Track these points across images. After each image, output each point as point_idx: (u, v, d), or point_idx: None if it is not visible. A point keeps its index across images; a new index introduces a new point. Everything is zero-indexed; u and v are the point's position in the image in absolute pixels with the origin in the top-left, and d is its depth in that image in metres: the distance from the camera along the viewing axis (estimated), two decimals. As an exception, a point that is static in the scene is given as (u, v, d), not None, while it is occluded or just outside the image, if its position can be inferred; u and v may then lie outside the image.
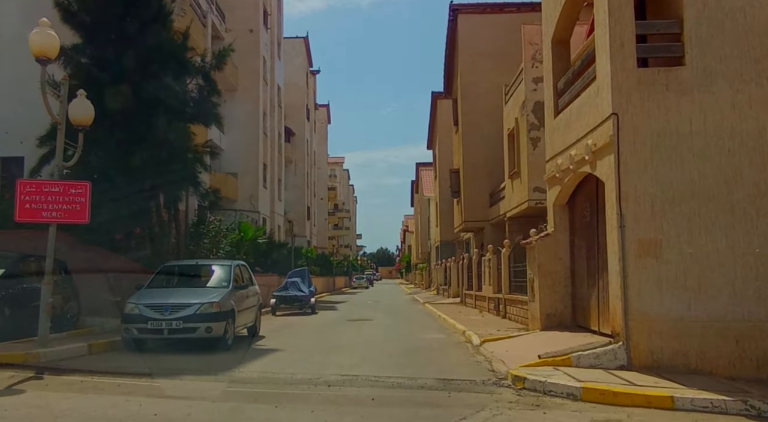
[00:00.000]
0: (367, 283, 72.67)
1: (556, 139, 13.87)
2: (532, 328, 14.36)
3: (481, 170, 30.83)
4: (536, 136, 22.61)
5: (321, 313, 25.84)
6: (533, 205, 22.60)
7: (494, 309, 21.52)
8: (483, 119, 30.89)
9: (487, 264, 22.93)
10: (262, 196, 41.07)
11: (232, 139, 38.91)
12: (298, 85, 58.45)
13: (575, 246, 13.78)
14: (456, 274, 34.68)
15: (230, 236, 25.52)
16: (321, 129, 74.10)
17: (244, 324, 14.24)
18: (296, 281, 25.68)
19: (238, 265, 14.55)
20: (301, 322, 20.90)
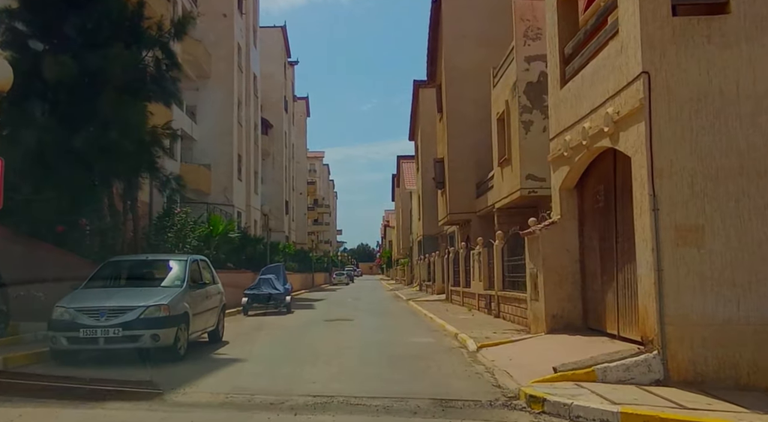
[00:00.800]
0: (347, 280, 70.56)
1: (563, 112, 11.94)
2: (536, 331, 12.43)
3: (467, 159, 28.90)
4: (528, 119, 20.75)
5: (297, 313, 23.79)
6: (526, 194, 20.72)
7: (485, 307, 19.61)
8: (469, 105, 28.96)
9: (477, 259, 21.01)
10: (237, 188, 38.87)
11: (205, 129, 36.81)
12: (275, 76, 56.19)
13: (585, 236, 11.87)
14: (441, 270, 32.76)
15: (198, 230, 23.36)
16: (300, 122, 71.86)
17: (203, 329, 12.17)
18: (270, 278, 23.59)
19: (195, 261, 12.43)
20: (274, 323, 18.85)
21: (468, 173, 28.88)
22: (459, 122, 29.09)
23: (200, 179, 34.96)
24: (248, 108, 42.04)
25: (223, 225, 25.66)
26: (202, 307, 11.86)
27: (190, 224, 22.84)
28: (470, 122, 28.80)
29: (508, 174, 22.21)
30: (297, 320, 20.25)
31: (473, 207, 28.78)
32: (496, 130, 23.79)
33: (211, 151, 36.68)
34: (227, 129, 37.56)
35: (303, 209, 72.10)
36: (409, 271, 54.13)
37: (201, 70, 36.26)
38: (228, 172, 37.52)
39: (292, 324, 18.55)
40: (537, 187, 20.56)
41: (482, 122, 28.47)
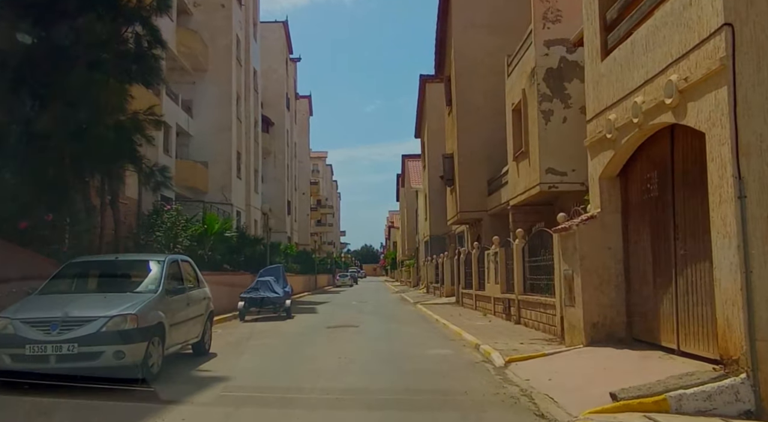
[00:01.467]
0: (351, 281, 68.78)
1: (604, 88, 10.16)
2: (572, 342, 10.64)
3: (479, 154, 27.14)
4: (548, 109, 18.98)
5: (298, 317, 22.04)
6: (545, 190, 18.93)
7: (503, 312, 17.83)
8: (479, 97, 27.23)
9: (493, 260, 19.24)
10: (236, 187, 37.16)
11: (202, 124, 35.13)
12: (277, 72, 54.52)
13: (631, 231, 10.09)
14: (450, 271, 30.97)
15: (191, 228, 21.63)
16: (302, 120, 70.11)
17: (185, 341, 10.40)
18: (268, 280, 21.83)
19: (175, 262, 10.65)
20: (271, 331, 17.10)
21: (479, 169, 27.13)
22: (469, 115, 27.35)
23: (197, 177, 33.30)
24: (248, 103, 40.35)
25: (218, 224, 23.93)
26: (183, 316, 10.10)
27: (182, 222, 21.11)
28: (481, 115, 27.09)
29: (525, 168, 20.43)
30: (297, 326, 18.51)
31: (485, 205, 27.02)
32: (512, 122, 22.01)
33: (209, 147, 34.99)
34: (225, 125, 35.87)
35: (306, 209, 70.35)
36: (415, 273, 52.33)
37: (198, 63, 34.59)
38: (226, 169, 35.82)
39: (292, 332, 16.79)
40: (558, 181, 18.81)
41: (494, 115, 26.73)
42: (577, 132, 19.19)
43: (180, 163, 32.34)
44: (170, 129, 31.19)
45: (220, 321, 20.22)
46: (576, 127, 19.03)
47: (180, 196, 31.56)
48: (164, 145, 30.34)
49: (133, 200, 21.36)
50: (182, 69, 34.25)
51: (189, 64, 34.23)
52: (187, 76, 34.89)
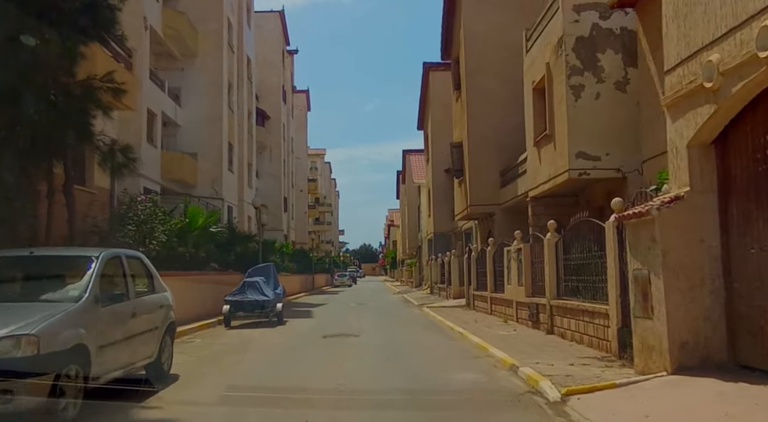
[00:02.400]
0: (350, 281, 65.97)
1: (699, 20, 7.35)
2: (647, 367, 7.83)
3: (491, 143, 24.41)
4: (579, 83, 16.24)
5: (291, 323, 19.28)
6: (575, 177, 16.21)
7: (528, 318, 15.06)
8: (491, 80, 24.53)
9: (515, 258, 16.49)
10: (228, 180, 34.37)
11: (191, 114, 32.37)
12: (273, 64, 51.72)
13: (732, 217, 7.36)
14: (458, 271, 28.22)
15: (170, 222, 18.85)
16: (300, 116, 67.29)
17: (129, 364, 7.59)
18: (257, 281, 19.05)
19: (116, 258, 7.81)
20: (257, 341, 14.34)
21: (491, 159, 24.40)
22: (480, 100, 24.64)
23: (184, 169, 30.53)
24: (240, 93, 37.58)
25: (202, 218, 21.15)
26: (125, 331, 7.34)
27: (159, 215, 18.33)
28: (493, 100, 24.40)
29: (549, 153, 17.70)
30: (288, 335, 15.74)
31: (497, 198, 24.29)
32: (532, 102, 19.26)
33: (198, 138, 32.20)
34: (216, 114, 33.08)
35: (303, 207, 67.52)
36: (417, 273, 49.47)
37: (186, 48, 31.82)
38: (217, 161, 33.02)
39: (280, 344, 14.01)
40: (590, 167, 16.10)
41: (508, 99, 24.06)
42: (612, 110, 16.49)
43: (166, 154, 29.60)
44: (155, 117, 28.51)
45: (203, 328, 17.54)
46: (611, 104, 16.32)
47: (166, 190, 28.82)
48: (148, 134, 27.61)
49: (104, 190, 18.58)
50: (169, 54, 31.51)
51: (176, 49, 31.47)
52: (174, 62, 32.14)
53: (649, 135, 14.31)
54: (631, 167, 15.71)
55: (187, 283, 18.49)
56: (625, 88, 16.14)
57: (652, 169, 14.35)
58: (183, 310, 18.25)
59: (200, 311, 19.41)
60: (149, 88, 27.73)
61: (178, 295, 18.27)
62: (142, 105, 26.69)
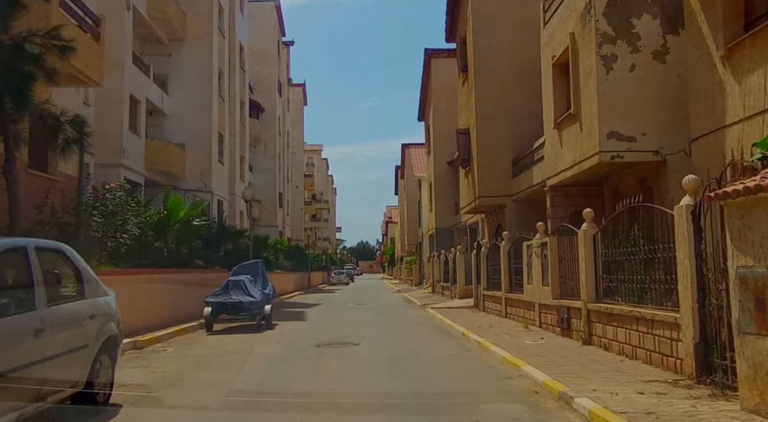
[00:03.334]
0: (347, 279, 63.53)
1: None
2: (764, 400, 5.54)
3: (501, 129, 22.09)
4: (611, 53, 13.87)
5: (281, 327, 16.96)
6: (607, 161, 13.87)
7: (558, 324, 12.70)
8: (502, 60, 22.23)
9: (538, 253, 14.15)
10: (218, 173, 32.01)
11: (179, 102, 30.05)
12: (269, 55, 49.28)
13: None
14: (464, 268, 25.89)
15: (145, 214, 16.48)
16: (296, 110, 64.90)
17: (31, 402, 5.24)
18: (242, 280, 16.66)
19: (16, 251, 5.44)
20: (237, 352, 11.97)
21: (501, 146, 22.08)
22: (490, 81, 22.30)
23: (171, 159, 28.19)
24: (232, 82, 35.20)
25: (183, 210, 18.76)
26: (22, 356, 5.01)
27: (132, 206, 15.95)
28: (504, 82, 22.10)
29: (574, 136, 15.37)
30: (275, 344, 13.37)
31: (508, 189, 21.95)
32: (552, 79, 16.90)
33: (187, 128, 29.85)
34: (205, 102, 30.71)
35: (299, 203, 65.07)
36: (418, 270, 47.06)
37: (173, 32, 29.47)
38: (206, 152, 30.66)
39: (264, 355, 11.63)
40: (623, 149, 13.74)
41: (520, 81, 21.82)
42: (648, 83, 14.03)
43: (151, 143, 27.25)
44: (138, 104, 26.17)
45: (180, 333, 15.23)
46: (648, 76, 13.90)
47: (151, 182, 26.47)
48: (131, 122, 25.27)
49: (70, 177, 16.21)
50: (156, 39, 29.18)
51: (163, 33, 29.13)
52: (161, 47, 29.80)
53: (700, 110, 12.03)
54: (672, 148, 13.41)
55: (163, 282, 16.14)
56: (664, 58, 13.78)
57: (704, 149, 12.07)
58: (155, 313, 15.95)
59: (179, 313, 17.07)
60: (132, 72, 25.41)
61: (150, 296, 16.04)
62: (123, 90, 24.41)
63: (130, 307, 14.08)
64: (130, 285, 14.09)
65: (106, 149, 23.41)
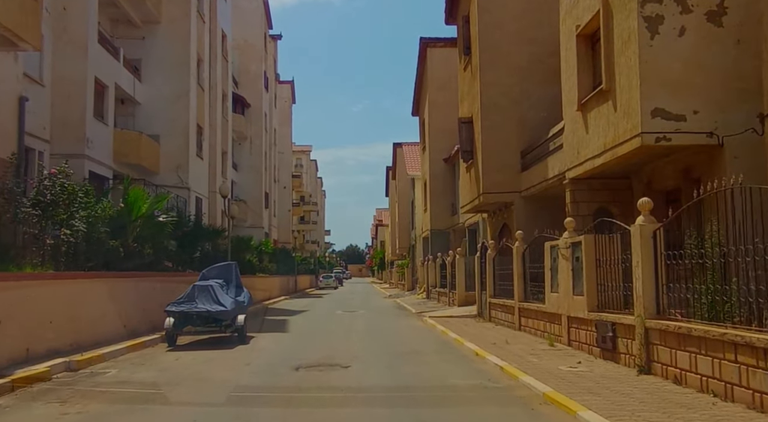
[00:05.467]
0: (335, 283, 60.79)
1: None
2: None
3: (509, 116, 19.56)
4: (656, 14, 11.38)
5: (257, 340, 14.34)
6: (650, 144, 11.38)
7: (597, 343, 10.10)
8: (510, 40, 19.77)
9: (565, 255, 11.57)
10: (196, 168, 29.24)
11: (153, 89, 27.27)
12: (254, 48, 46.53)
13: None
14: (464, 273, 23.31)
15: (96, 207, 13.78)
16: (284, 108, 62.14)
17: None
18: (211, 286, 13.93)
19: None
20: (192, 377, 9.31)
21: (509, 136, 19.55)
22: (496, 64, 19.77)
23: (142, 151, 25.38)
24: (213, 70, 32.44)
25: (146, 204, 16.03)
26: None
27: (78, 197, 13.22)
28: (512, 63, 19.60)
29: (605, 116, 12.84)
30: (242, 365, 10.66)
31: (517, 184, 19.41)
32: (576, 54, 14.36)
33: (162, 118, 27.06)
34: (182, 91, 27.91)
35: (287, 204, 62.21)
36: (410, 274, 44.40)
37: (147, 13, 26.70)
38: (183, 145, 27.87)
39: (228, 383, 8.92)
40: (671, 130, 11.25)
41: (531, 63, 19.46)
42: (702, 51, 11.53)
43: (120, 133, 24.48)
44: (106, 89, 23.44)
45: (136, 348, 12.63)
46: (702, 42, 11.43)
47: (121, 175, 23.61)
48: (96, 108, 22.52)
49: (2, 162, 13.45)
50: (128, 20, 26.43)
51: (136, 15, 26.37)
52: (134, 30, 27.01)
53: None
54: (731, 128, 10.94)
55: (116, 288, 13.47)
56: (721, 20, 11.28)
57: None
58: (105, 325, 12.88)
59: (140, 324, 14.40)
60: (98, 54, 22.67)
61: (98, 304, 12.50)
62: (87, 72, 21.68)
63: (66, 318, 11.40)
64: (66, 291, 11.43)
65: (67, 137, 20.72)
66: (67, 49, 21.28)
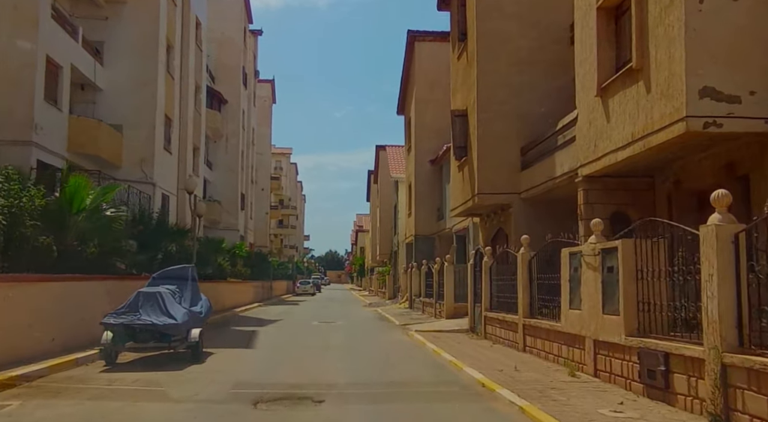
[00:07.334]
0: (313, 289, 58.28)
1: None
2: None
3: (509, 109, 17.41)
4: (706, -28, 9.28)
5: (215, 358, 11.97)
6: (698, 130, 9.25)
7: (643, 378, 7.84)
8: (510, 24, 17.67)
9: (592, 264, 9.32)
10: (163, 162, 26.78)
11: (117, 75, 24.85)
12: (233, 41, 44.18)
13: None
14: (454, 282, 21.06)
15: (20, 196, 11.32)
16: (264, 107, 59.66)
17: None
18: (159, 293, 11.48)
19: None
20: (114, 415, 6.97)
21: (508, 131, 17.39)
22: (496, 50, 17.62)
23: (104, 142, 22.97)
24: (185, 59, 30.00)
25: (91, 196, 13.57)
26: None
27: (0, 183, 10.78)
28: (513, 50, 17.48)
29: (633, 100, 10.70)
30: (186, 398, 8.21)
31: (516, 184, 17.23)
32: (596, 31, 12.21)
33: (125, 106, 24.68)
34: (149, 77, 25.48)
35: (265, 207, 59.63)
36: (392, 282, 42.00)
37: (112, -9, 24.34)
38: (148, 137, 25.44)
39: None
40: (723, 113, 9.13)
41: (533, 51, 17.42)
42: (763, 17, 9.66)
43: (76, 120, 22.06)
44: (59, 69, 21.06)
45: (62, 368, 10.20)
46: (761, 7, 9.47)
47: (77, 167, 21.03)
48: (48, 91, 20.05)
49: None
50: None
51: (98, -9, 24.02)
52: (96, 10, 24.60)
53: None
54: (796, 114, 8.84)
55: (40, 292, 11.02)
56: (786, -20, 9.24)
57: None
58: (25, 338, 10.17)
59: (72, 337, 11.95)
60: (51, 31, 20.29)
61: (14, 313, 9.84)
62: (37, 51, 19.23)
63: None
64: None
65: (12, 123, 18.37)
66: (17, 25, 18.92)
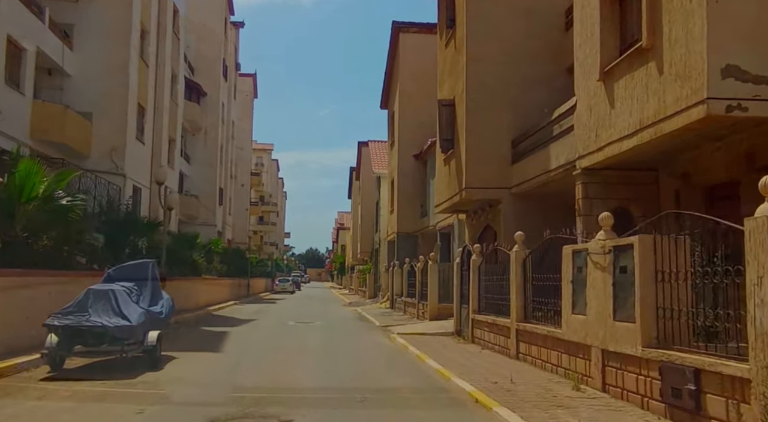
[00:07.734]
0: (292, 287, 56.93)
1: None
2: None
3: (499, 98, 16.31)
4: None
5: (177, 363, 10.72)
6: (719, 114, 8.19)
7: (666, 398, 6.71)
8: (501, 10, 16.70)
9: (601, 264, 8.16)
10: (135, 153, 25.35)
11: (87, 60, 23.45)
12: (213, 32, 42.74)
13: None
14: (438, 282, 19.89)
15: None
16: (245, 101, 58.13)
17: None
18: (112, 291, 10.18)
19: None
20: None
21: (499, 121, 16.32)
22: (486, 36, 16.54)
23: (68, 129, 21.55)
24: (162, 46, 28.56)
25: (44, 183, 12.23)
26: None
27: None
28: (504, 37, 16.43)
29: (643, 83, 9.62)
30: (134, 414, 7.06)
31: (507, 179, 16.14)
32: (599, 10, 11.13)
33: (95, 93, 23.33)
34: (121, 63, 24.08)
35: (244, 203, 58.13)
36: (372, 281, 40.78)
37: (82, -27, 22.90)
38: (119, 125, 24.04)
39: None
40: (748, 95, 8.08)
41: (525, 38, 16.40)
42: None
43: (41, 105, 20.65)
44: (23, 52, 19.68)
45: (2, 372, 8.87)
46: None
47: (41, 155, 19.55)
48: (9, 73, 18.65)
49: None
50: (60, -21, 22.60)
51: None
52: (65, -8, 23.16)
53: None
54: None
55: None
56: (818, -52, 8.20)
57: None
58: None
59: (14, 339, 10.62)
60: (13, 9, 18.85)
61: None
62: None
63: None
64: None
65: (-32, 106, 16.98)
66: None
